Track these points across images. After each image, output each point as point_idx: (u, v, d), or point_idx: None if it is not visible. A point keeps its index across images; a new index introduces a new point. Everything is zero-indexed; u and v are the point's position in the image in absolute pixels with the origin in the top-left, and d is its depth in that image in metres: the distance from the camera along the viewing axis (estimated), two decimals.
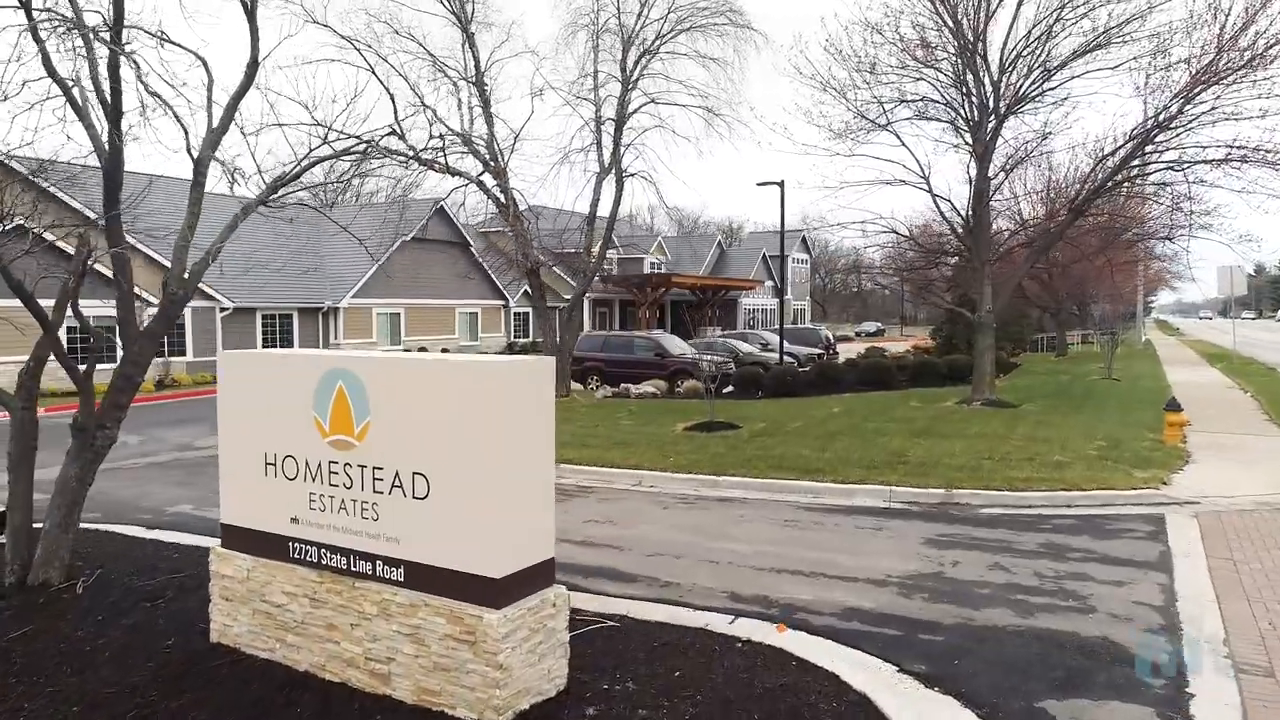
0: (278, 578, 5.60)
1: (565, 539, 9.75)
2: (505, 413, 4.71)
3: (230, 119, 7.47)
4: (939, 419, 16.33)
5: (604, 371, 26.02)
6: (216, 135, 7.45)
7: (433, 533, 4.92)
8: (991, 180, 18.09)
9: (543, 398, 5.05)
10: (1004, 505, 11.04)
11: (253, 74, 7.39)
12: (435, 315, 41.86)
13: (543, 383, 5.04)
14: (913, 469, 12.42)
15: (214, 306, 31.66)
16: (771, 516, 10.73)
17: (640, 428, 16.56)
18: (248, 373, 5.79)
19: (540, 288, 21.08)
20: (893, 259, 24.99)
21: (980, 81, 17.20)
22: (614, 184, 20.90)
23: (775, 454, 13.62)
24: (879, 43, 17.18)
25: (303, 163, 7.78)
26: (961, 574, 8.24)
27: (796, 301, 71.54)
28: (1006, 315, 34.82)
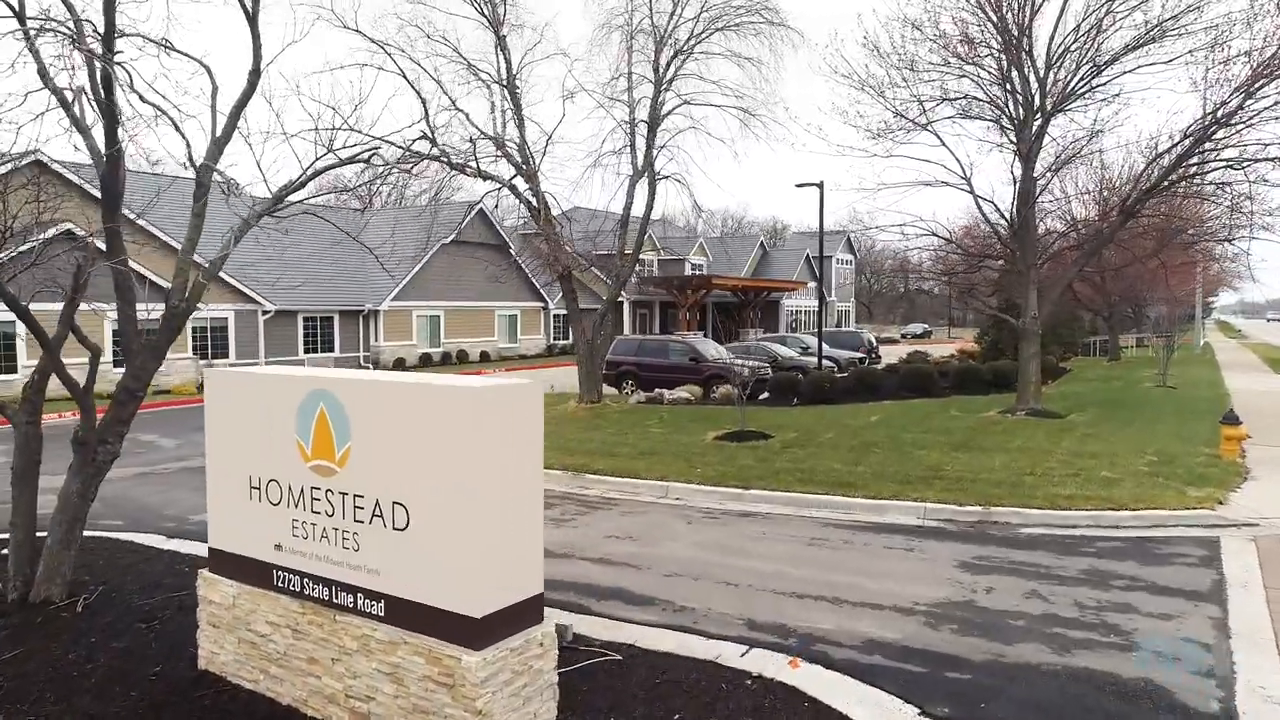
0: (262, 606, 5.38)
1: (583, 556, 9.49)
2: (485, 439, 4.41)
3: (233, 128, 7.31)
4: (980, 430, 15.70)
5: (639, 376, 25.70)
6: (220, 144, 7.29)
7: (412, 566, 4.64)
8: (1038, 181, 17.38)
9: (529, 422, 4.74)
10: (1045, 525, 10.48)
11: (255, 81, 7.22)
12: (475, 317, 41.96)
13: (529, 406, 4.74)
14: (949, 485, 11.89)
15: (256, 309, 32.04)
16: (798, 534, 10.31)
17: (669, 436, 16.21)
18: (233, 392, 5.59)
19: (573, 291, 20.83)
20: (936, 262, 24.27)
21: (1025, 78, 16.52)
22: (647, 187, 20.57)
23: (806, 466, 13.18)
24: (918, 39, 16.63)
25: (306, 172, 7.59)
26: (995, 602, 7.76)
27: (840, 303, 70.52)
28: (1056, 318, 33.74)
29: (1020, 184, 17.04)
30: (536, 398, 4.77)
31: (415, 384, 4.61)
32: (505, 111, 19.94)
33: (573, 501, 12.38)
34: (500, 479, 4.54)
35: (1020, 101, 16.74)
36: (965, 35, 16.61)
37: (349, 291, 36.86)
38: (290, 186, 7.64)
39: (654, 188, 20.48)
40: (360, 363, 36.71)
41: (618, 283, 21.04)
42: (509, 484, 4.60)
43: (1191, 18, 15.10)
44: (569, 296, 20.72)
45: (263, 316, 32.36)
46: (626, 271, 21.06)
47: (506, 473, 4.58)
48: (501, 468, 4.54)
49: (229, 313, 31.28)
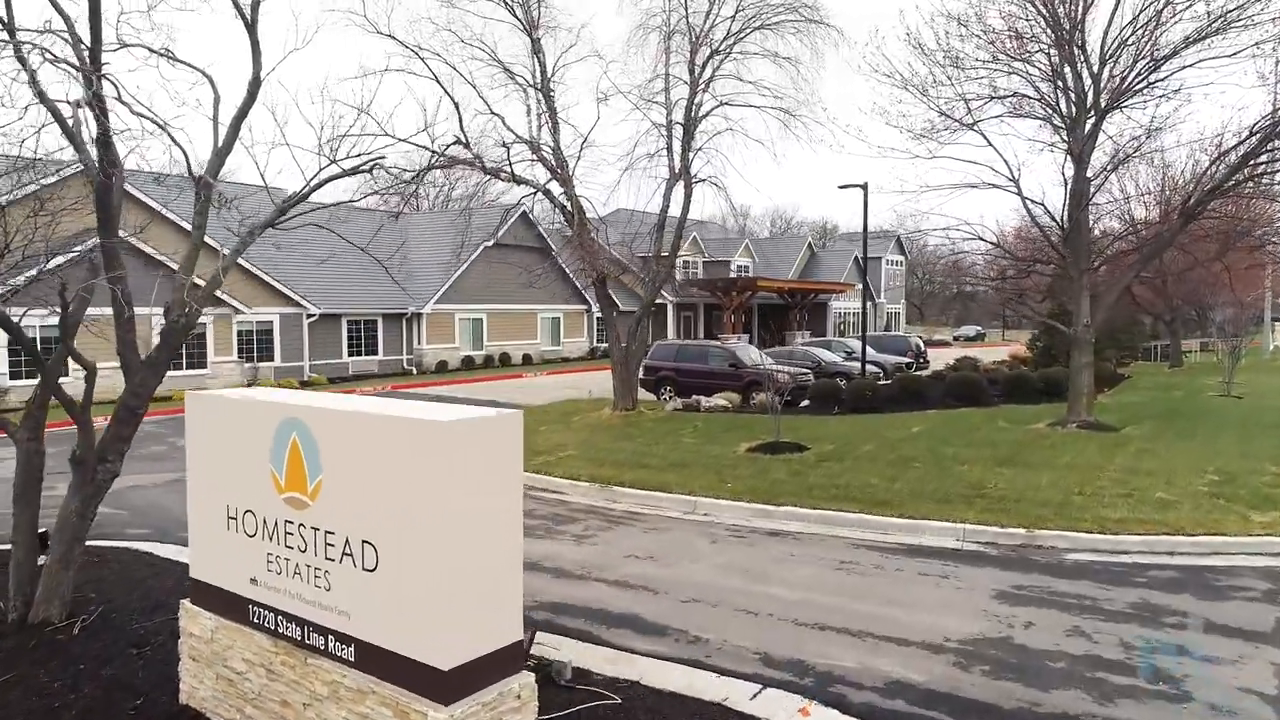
0: (238, 643, 5.13)
1: (600, 578, 9.15)
2: (454, 476, 4.08)
3: (234, 139, 7.12)
4: (1027, 444, 14.96)
5: (677, 382, 25.27)
6: (221, 156, 7.11)
7: (382, 610, 4.34)
8: (1091, 181, 16.56)
9: (506, 457, 4.39)
10: (1093, 551, 9.85)
11: (256, 91, 7.02)
12: (517, 320, 41.96)
13: (506, 440, 4.39)
14: (991, 504, 11.28)
15: (300, 313, 32.38)
16: (826, 556, 9.83)
17: (702, 447, 15.78)
18: (212, 417, 5.35)
19: (607, 296, 20.52)
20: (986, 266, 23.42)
21: (1078, 74, 15.73)
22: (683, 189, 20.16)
23: (840, 482, 12.65)
24: (964, 35, 15.95)
25: (310, 183, 7.37)
26: (1033, 640, 7.21)
27: (890, 305, 69.15)
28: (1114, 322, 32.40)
29: (1072, 185, 16.24)
30: (514, 430, 4.42)
31: (383, 415, 4.30)
32: (541, 115, 19.72)
33: (597, 516, 12.05)
34: (473, 519, 4.20)
35: (1072, 99, 15.95)
36: (1014, 30, 15.89)
37: (393, 294, 37.07)
38: (293, 199, 7.44)
39: (690, 191, 20.06)
40: (404, 365, 36.92)
41: (653, 288, 20.67)
42: (483, 524, 4.27)
43: (1258, 8, 14.21)
44: (603, 302, 20.41)
45: (307, 320, 32.69)
46: (662, 276, 20.67)
47: (480, 512, 4.24)
48: (474, 507, 4.20)
49: (274, 316, 31.65)
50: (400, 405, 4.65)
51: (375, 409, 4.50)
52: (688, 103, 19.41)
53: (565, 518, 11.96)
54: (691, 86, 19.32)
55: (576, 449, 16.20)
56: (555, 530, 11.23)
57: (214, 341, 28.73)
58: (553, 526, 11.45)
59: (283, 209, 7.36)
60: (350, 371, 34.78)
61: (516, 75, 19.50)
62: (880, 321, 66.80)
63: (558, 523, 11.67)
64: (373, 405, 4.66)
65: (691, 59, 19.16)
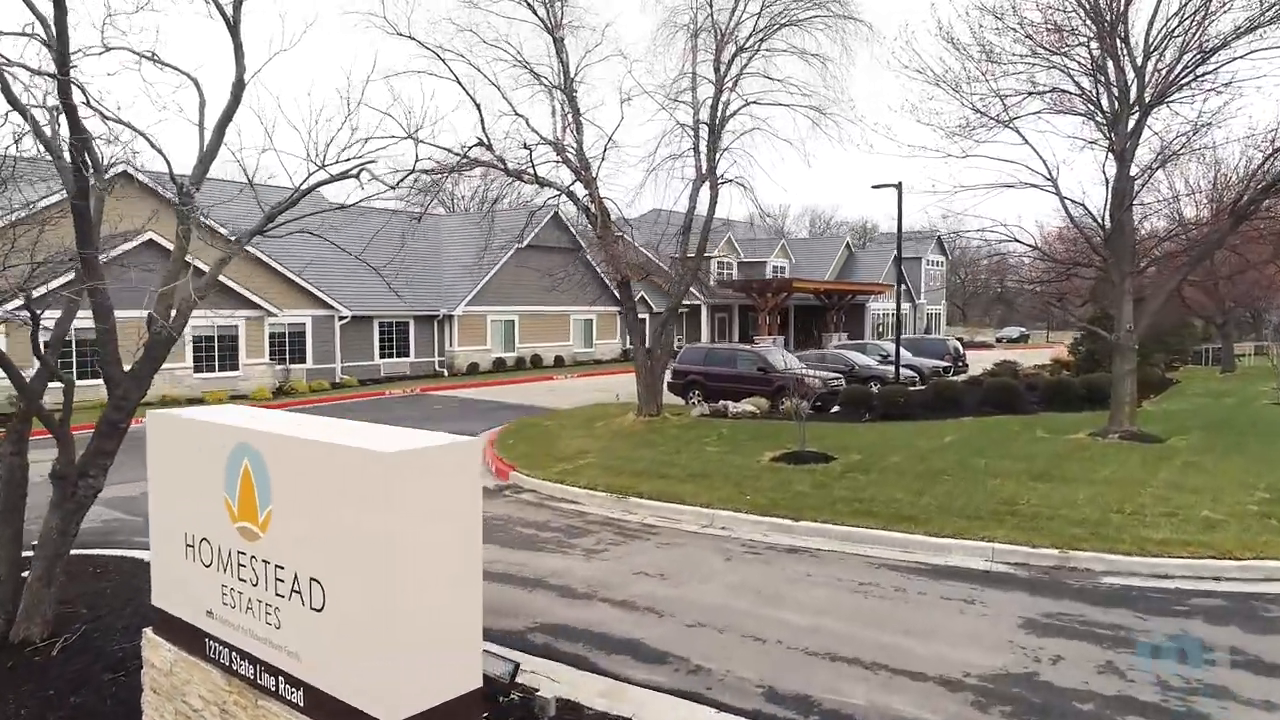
0: (195, 678, 4.86)
1: (606, 597, 8.79)
2: (401, 510, 3.74)
3: (219, 143, 6.89)
4: (1064, 456, 14.26)
5: (705, 386, 24.83)
6: (205, 162, 6.87)
7: (329, 653, 4.02)
8: (1135, 180, 15.79)
9: (464, 489, 4.05)
10: (1132, 575, 9.24)
11: (239, 94, 6.77)
12: (549, 322, 41.78)
13: (464, 470, 4.05)
14: (1023, 522, 10.70)
15: (333, 315, 32.50)
16: (845, 577, 9.36)
17: (724, 456, 15.34)
18: (171, 438, 5.09)
19: (630, 300, 20.14)
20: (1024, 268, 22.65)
21: (1120, 68, 14.99)
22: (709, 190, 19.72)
23: (865, 496, 12.14)
24: (1000, 29, 15.30)
25: (298, 190, 7.11)
26: (1061, 677, 6.69)
27: (930, 306, 67.85)
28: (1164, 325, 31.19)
29: (1114, 184, 15.50)
30: (471, 460, 4.07)
31: (327, 443, 3.98)
32: (565, 116, 19.42)
33: (612, 529, 11.69)
34: (424, 557, 3.86)
35: (1114, 94, 15.21)
36: (1052, 23, 15.20)
37: (424, 297, 37.13)
38: (281, 206, 7.18)
39: (716, 192, 19.61)
40: (435, 367, 36.94)
41: (678, 291, 20.24)
42: (436, 562, 3.92)
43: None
44: (626, 305, 20.05)
45: (339, 322, 32.79)
46: (688, 279, 20.24)
47: (433, 549, 3.90)
48: (426, 543, 3.86)
49: (306, 319, 31.79)
50: (357, 431, 4.33)
51: (326, 435, 4.18)
52: (713, 102, 18.97)
53: (579, 530, 11.62)
54: (717, 85, 18.87)
55: (597, 456, 15.87)
56: (567, 544, 10.90)
57: (246, 344, 28.91)
58: (565, 540, 11.12)
59: (271, 215, 7.12)
60: (382, 373, 34.86)
61: (541, 76, 19.24)
62: (920, 323, 65.55)
63: (571, 535, 11.34)
64: (327, 430, 4.34)
65: (717, 57, 18.72)
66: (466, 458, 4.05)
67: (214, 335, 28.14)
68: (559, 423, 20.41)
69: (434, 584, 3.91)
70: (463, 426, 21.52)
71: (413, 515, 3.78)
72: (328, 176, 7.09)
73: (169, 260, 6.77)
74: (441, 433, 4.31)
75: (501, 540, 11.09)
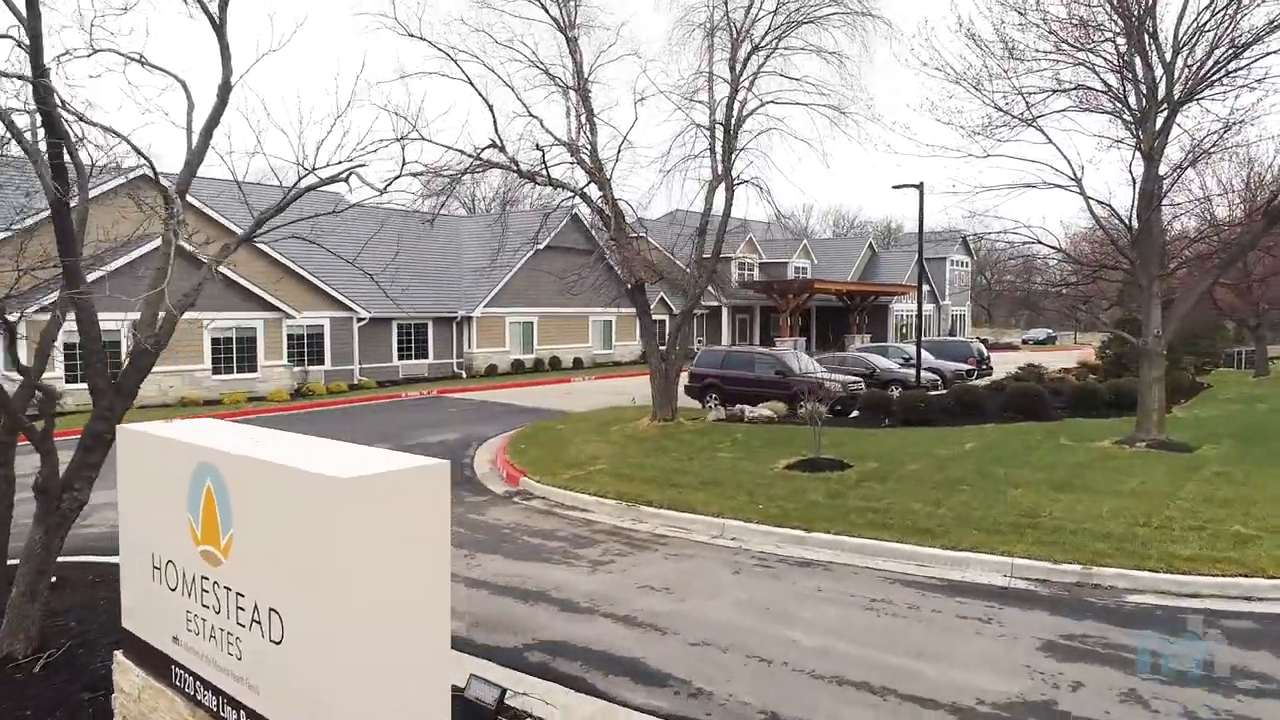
0: (161, 705, 4.65)
1: (608, 612, 8.53)
2: (357, 537, 3.50)
3: (205, 147, 6.70)
4: (1089, 466, 13.79)
5: (723, 390, 24.51)
6: (191, 168, 6.69)
7: (287, 689, 3.79)
8: (1163, 180, 15.28)
9: (430, 516, 3.80)
10: (1158, 592, 8.85)
11: (225, 96, 6.59)
12: (568, 323, 41.61)
13: (430, 495, 3.80)
14: (1045, 535, 10.31)
15: (351, 317, 32.50)
16: (857, 593, 9.03)
17: (737, 463, 15.02)
18: (140, 455, 4.89)
19: (645, 304, 19.87)
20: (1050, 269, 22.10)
21: (1149, 64, 14.51)
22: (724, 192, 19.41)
23: (880, 506, 11.79)
24: (1022, 24, 14.86)
25: (288, 195, 6.91)
26: (1080, 706, 6.34)
27: (955, 307, 66.99)
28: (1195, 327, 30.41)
29: (1141, 184, 15.01)
30: (439, 485, 3.82)
31: (284, 466, 3.75)
32: (580, 116, 19.19)
33: (619, 539, 11.43)
34: (381, 587, 3.62)
35: (1142, 91, 14.73)
36: (1077, 18, 14.74)
37: (443, 298, 37.10)
38: (270, 212, 6.99)
39: (731, 193, 19.29)
40: (454, 369, 36.89)
41: (693, 294, 19.94)
42: (395, 593, 3.68)
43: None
44: (640, 309, 19.79)
45: (357, 324, 32.79)
46: (703, 282, 19.94)
47: (392, 579, 3.66)
48: (384, 573, 3.62)
49: (325, 320, 31.82)
50: (320, 451, 4.10)
51: (286, 455, 3.94)
52: (728, 101, 18.65)
53: (585, 540, 11.37)
54: (732, 85, 18.56)
55: (608, 462, 15.61)
56: (572, 555, 10.65)
57: (264, 345, 28.94)
58: (570, 550, 10.87)
59: (260, 221, 6.92)
60: (400, 375, 34.85)
61: (555, 77, 19.01)
62: (944, 324, 64.75)
63: (576, 545, 11.09)
64: (289, 450, 4.11)
65: (733, 56, 18.40)
66: (433, 480, 3.80)
67: (232, 337, 28.20)
68: (573, 427, 20.19)
69: (394, 615, 3.67)
70: (476, 430, 21.37)
71: (369, 543, 3.53)
72: (317, 180, 6.89)
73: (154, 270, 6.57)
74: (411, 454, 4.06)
75: (507, 551, 10.87)
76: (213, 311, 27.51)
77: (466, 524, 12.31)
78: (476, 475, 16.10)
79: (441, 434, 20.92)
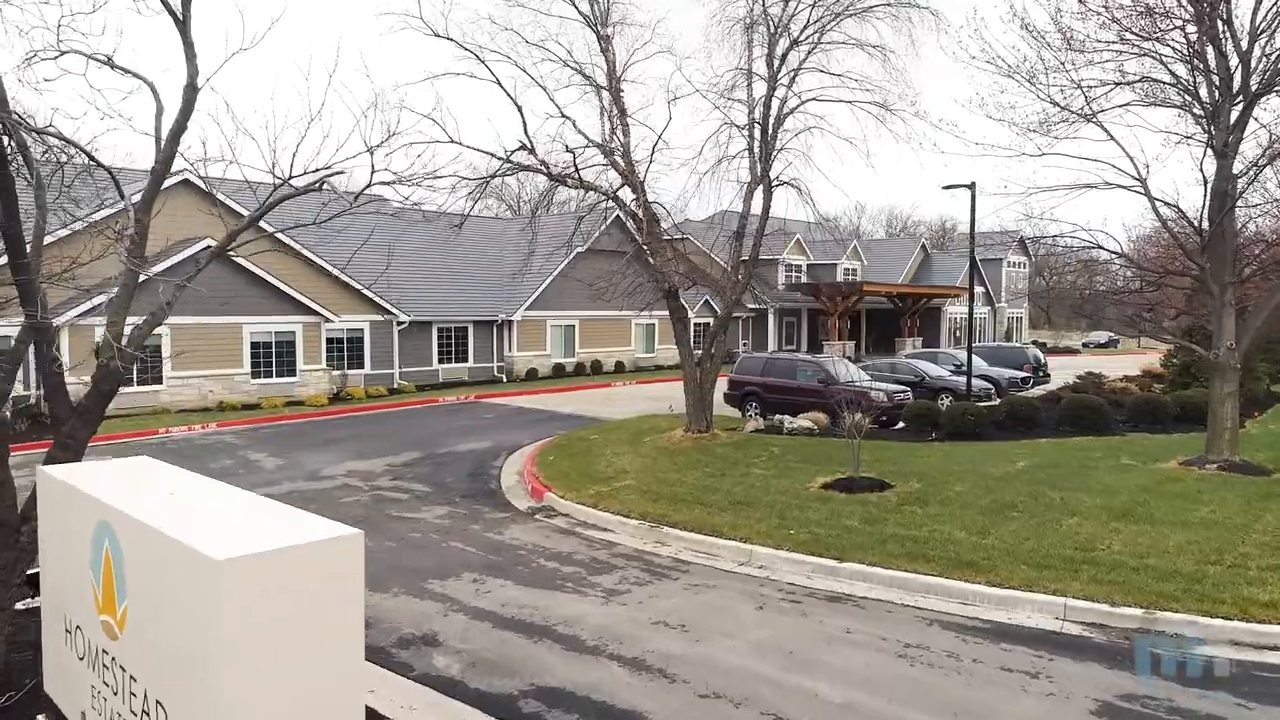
0: None
1: (614, 653, 7.87)
2: (245, 626, 2.90)
3: (172, 155, 6.21)
4: (1153, 490, 12.69)
5: (763, 398, 23.69)
6: (158, 177, 6.21)
7: None
8: (1238, 179, 14.10)
9: (337, 595, 3.18)
10: (1232, 644, 7.89)
11: (192, 99, 6.08)
12: (610, 326, 41.05)
13: (340, 570, 3.18)
14: (1103, 572, 9.36)
15: (390, 320, 32.38)
16: (890, 637, 8.23)
17: (771, 480, 14.24)
18: (53, 503, 4.40)
19: (678, 309, 19.16)
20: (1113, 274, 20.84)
21: (1222, 53, 13.35)
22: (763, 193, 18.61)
23: (921, 534, 10.94)
24: (1081, 12, 13.82)
25: (264, 205, 6.39)
26: None
27: (1011, 309, 64.87)
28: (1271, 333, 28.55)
29: (1213, 184, 13.85)
30: (348, 556, 3.20)
31: (170, 537, 3.16)
32: (613, 117, 18.58)
33: (639, 564, 10.78)
34: (271, 685, 3.01)
35: (1215, 83, 13.58)
36: (1143, 5, 13.64)
37: (483, 302, 36.85)
38: (245, 224, 6.48)
39: (770, 195, 18.49)
40: (494, 373, 36.60)
41: (728, 301, 19.19)
42: (289, 689, 3.06)
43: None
44: (674, 314, 19.09)
45: (397, 328, 32.66)
46: (741, 287, 19.18)
47: (285, 673, 3.05)
48: (274, 667, 3.01)
49: (364, 324, 31.74)
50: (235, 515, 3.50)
51: (180, 522, 3.36)
52: (766, 99, 17.86)
53: (603, 566, 10.74)
54: (770, 82, 17.76)
55: (636, 478, 14.97)
56: (586, 583, 10.02)
57: (303, 349, 28.92)
58: (585, 577, 10.24)
59: (233, 235, 6.42)
60: (440, 379, 34.65)
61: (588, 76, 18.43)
62: (1000, 327, 62.75)
63: (593, 572, 10.46)
64: (191, 514, 3.53)
65: (770, 52, 17.61)
66: (343, 553, 3.19)
67: (271, 341, 28.22)
68: (605, 437, 19.58)
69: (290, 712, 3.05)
70: (509, 438, 20.91)
71: (257, 630, 2.93)
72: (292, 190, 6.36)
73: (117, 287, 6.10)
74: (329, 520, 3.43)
75: (520, 576, 10.28)
76: (251, 315, 27.57)
77: (483, 544, 11.78)
78: (502, 488, 15.59)
79: (472, 442, 20.49)
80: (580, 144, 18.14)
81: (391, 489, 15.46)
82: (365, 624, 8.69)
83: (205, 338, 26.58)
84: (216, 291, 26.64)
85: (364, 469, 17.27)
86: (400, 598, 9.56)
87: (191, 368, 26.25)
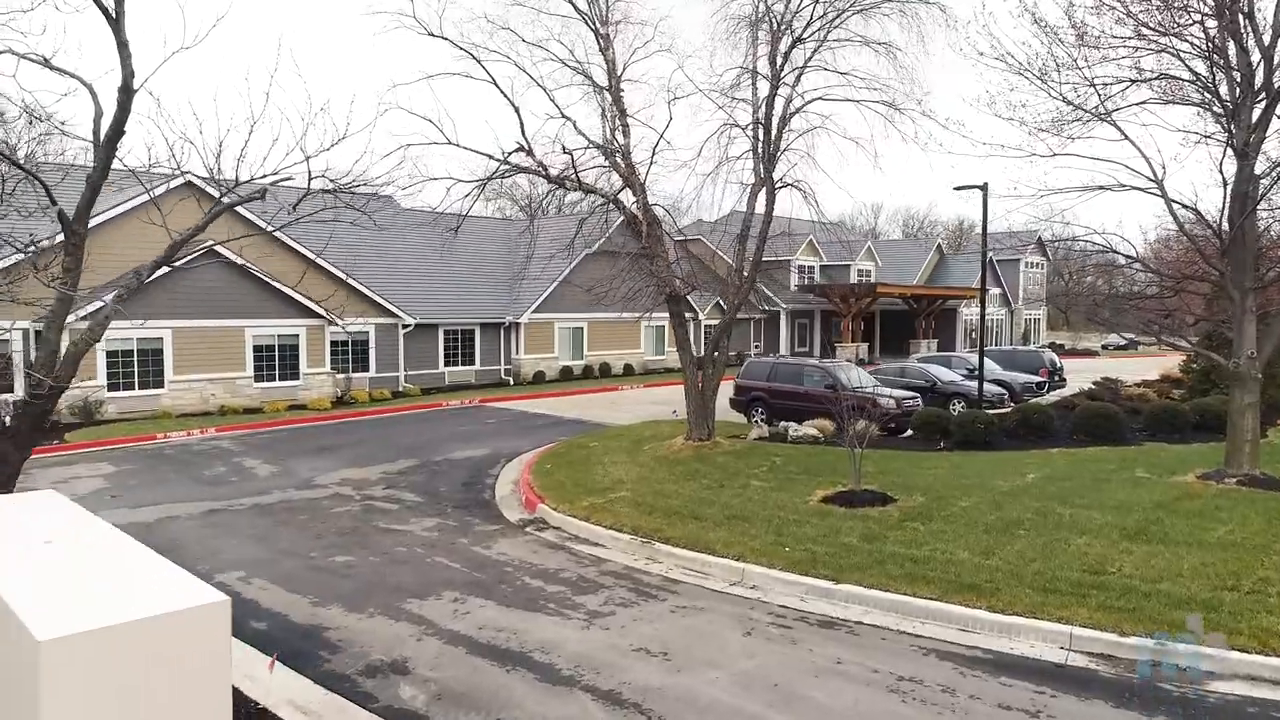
0: None
1: (591, 684, 7.44)
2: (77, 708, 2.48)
3: (109, 161, 5.84)
4: (1168, 507, 12.11)
5: (769, 404, 23.22)
6: (94, 185, 5.84)
7: None
8: (1261, 180, 13.49)
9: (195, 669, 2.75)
10: (1250, 680, 7.37)
11: (128, 102, 5.72)
12: (618, 329, 40.59)
13: (199, 645, 2.76)
14: (1112, 598, 8.84)
15: (396, 323, 32.10)
16: (883, 668, 7.76)
17: (770, 493, 13.77)
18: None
19: (680, 312, 18.72)
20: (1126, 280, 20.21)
21: (1243, 49, 12.76)
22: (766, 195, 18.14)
23: (922, 554, 10.44)
24: (1094, 7, 13.27)
25: (209, 214, 6.02)
26: None
27: (1029, 311, 63.94)
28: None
29: (1234, 185, 13.26)
30: (212, 627, 2.78)
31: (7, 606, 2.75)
32: (614, 118, 18.17)
33: (627, 584, 10.35)
34: None
35: (1236, 80, 12.98)
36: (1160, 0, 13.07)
37: (490, 304, 36.55)
38: (195, 229, 6.10)
39: (773, 197, 18.02)
40: (501, 375, 36.27)
41: (731, 305, 18.73)
42: None
43: None
44: (676, 319, 18.66)
45: (402, 330, 32.37)
46: (745, 290, 18.70)
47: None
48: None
49: (369, 327, 31.45)
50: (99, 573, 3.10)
51: (31, 585, 2.95)
52: (769, 99, 17.39)
53: (589, 584, 10.32)
54: (773, 81, 17.29)
55: (632, 489, 14.54)
56: (569, 603, 9.60)
57: (306, 352, 28.69)
58: (569, 597, 9.83)
59: (174, 249, 6.04)
60: (446, 381, 34.36)
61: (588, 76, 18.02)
62: (1017, 329, 61.88)
63: (578, 591, 10.05)
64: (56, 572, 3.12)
65: (773, 50, 17.14)
66: (205, 624, 2.77)
67: (274, 344, 28.00)
68: (604, 444, 19.17)
69: None
70: (509, 444, 20.56)
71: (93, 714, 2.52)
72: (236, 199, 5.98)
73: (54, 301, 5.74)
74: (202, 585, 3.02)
75: (501, 596, 9.89)
76: (253, 319, 27.36)
77: (468, 560, 11.40)
78: (495, 499, 15.22)
79: (471, 449, 20.15)
80: (580, 145, 17.78)
81: (383, 499, 15.12)
82: (335, 649, 8.38)
83: (207, 340, 26.41)
84: (218, 294, 26.51)
85: (358, 477, 16.95)
86: (375, 619, 9.19)
87: (193, 371, 26.07)
